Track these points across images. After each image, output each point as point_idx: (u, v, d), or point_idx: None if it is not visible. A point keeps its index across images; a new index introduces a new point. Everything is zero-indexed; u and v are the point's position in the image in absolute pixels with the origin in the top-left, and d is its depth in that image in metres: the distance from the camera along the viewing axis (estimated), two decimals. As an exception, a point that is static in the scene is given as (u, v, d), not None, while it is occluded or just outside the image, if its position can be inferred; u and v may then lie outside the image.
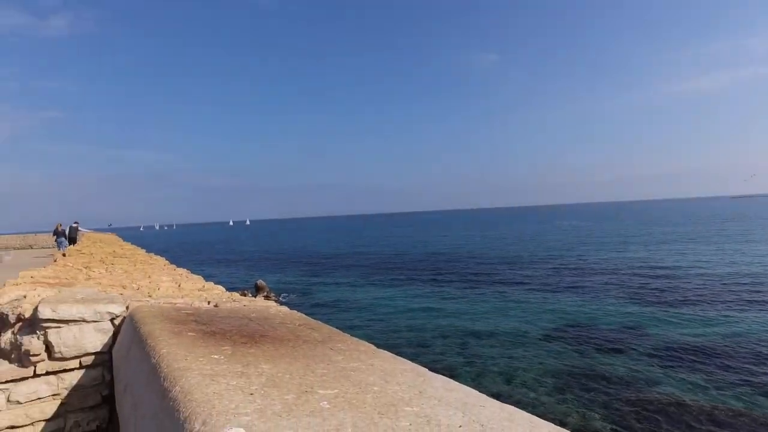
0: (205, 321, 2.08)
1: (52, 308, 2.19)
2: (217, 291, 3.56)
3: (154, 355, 1.46)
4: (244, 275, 29.05)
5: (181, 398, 1.05)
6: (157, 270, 4.81)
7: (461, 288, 21.33)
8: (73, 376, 2.27)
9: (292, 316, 2.48)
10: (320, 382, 1.29)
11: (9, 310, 2.42)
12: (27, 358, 2.19)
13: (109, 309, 2.32)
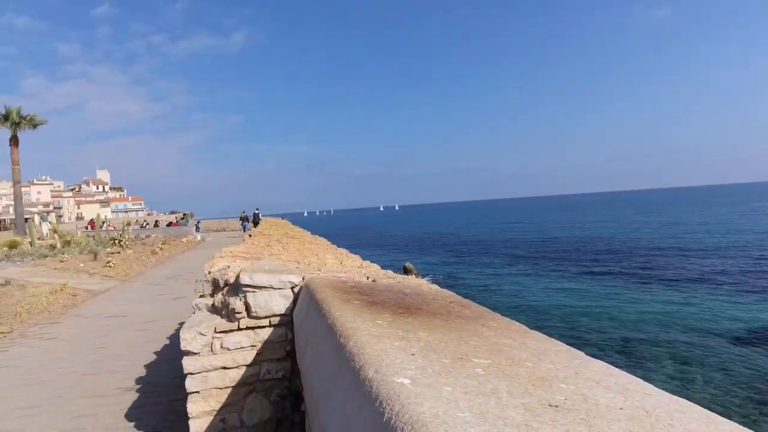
0: (366, 293, 2.33)
1: (249, 276, 2.69)
2: (374, 268, 3.89)
3: (329, 317, 1.71)
4: (393, 257, 30.70)
5: (356, 351, 1.24)
6: (322, 249, 5.45)
7: (626, 281, 19.17)
8: (265, 332, 2.75)
9: (443, 294, 2.60)
10: (474, 352, 1.36)
11: (219, 277, 3.04)
12: (233, 315, 2.74)
13: (290, 279, 2.75)
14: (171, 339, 5.91)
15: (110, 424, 3.66)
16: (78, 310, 8.27)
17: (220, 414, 2.73)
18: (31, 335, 6.67)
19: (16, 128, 31.57)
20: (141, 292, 9.77)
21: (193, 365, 2.68)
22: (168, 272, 12.80)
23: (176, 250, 19.20)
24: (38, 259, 15.88)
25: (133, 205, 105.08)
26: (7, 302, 8.79)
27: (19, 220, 32.66)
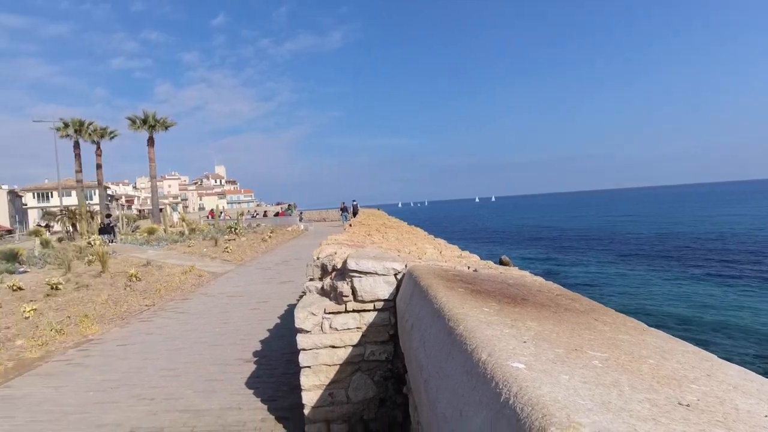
0: (469, 281, 2.34)
1: (355, 262, 2.84)
2: (474, 258, 3.87)
3: (436, 302, 1.76)
4: (488, 250, 29.97)
5: (467, 335, 1.27)
6: (420, 239, 5.54)
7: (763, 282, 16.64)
8: (370, 316, 2.90)
9: (548, 286, 2.52)
10: (588, 344, 1.32)
11: (327, 262, 3.26)
12: (341, 298, 2.92)
13: (393, 266, 2.86)
14: (281, 318, 6.45)
15: (234, 389, 4.12)
16: (204, 289, 9.37)
17: (328, 388, 2.95)
18: (168, 309, 7.73)
19: (153, 130, 36.30)
20: (254, 276, 10.76)
21: (306, 342, 2.91)
22: (276, 258, 13.90)
23: (283, 238, 20.73)
24: (170, 243, 18.21)
25: (245, 197, 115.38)
26: (149, 280, 10.25)
27: (154, 210, 37.64)
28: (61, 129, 35.31)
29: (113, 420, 3.66)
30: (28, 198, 69.30)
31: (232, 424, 3.49)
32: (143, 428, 3.50)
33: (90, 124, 36.57)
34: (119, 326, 6.76)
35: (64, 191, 46.20)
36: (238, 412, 3.68)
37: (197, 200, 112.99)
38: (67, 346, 5.88)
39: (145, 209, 78.79)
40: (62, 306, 8.12)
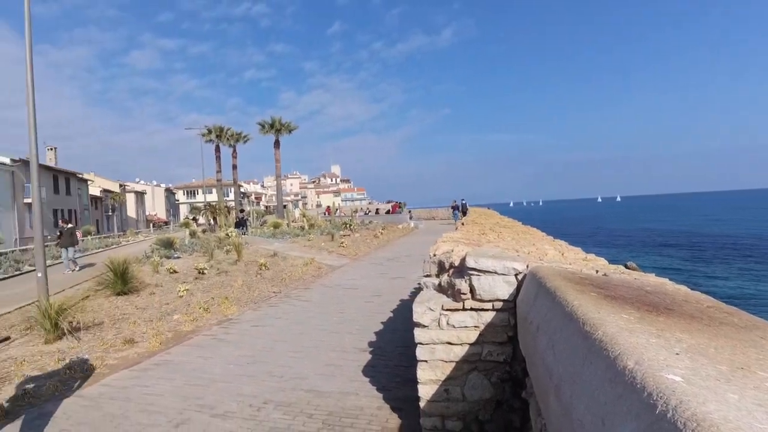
0: (600, 286, 2.18)
1: (474, 260, 2.82)
2: (601, 262, 3.58)
3: (566, 305, 1.68)
4: (611, 254, 27.39)
5: (607, 341, 1.20)
6: (538, 239, 5.28)
7: None
8: (488, 315, 2.86)
9: (696, 297, 2.23)
10: (757, 364, 1.16)
11: (444, 259, 3.29)
12: (458, 295, 2.93)
13: (514, 265, 2.78)
14: (394, 312, 6.65)
15: (352, 375, 4.36)
16: (322, 281, 10.05)
17: (444, 384, 2.97)
18: (292, 296, 8.44)
19: (278, 134, 39.83)
20: (367, 270, 11.23)
21: (423, 336, 2.97)
22: (388, 254, 14.34)
23: (393, 235, 21.29)
24: (293, 237, 19.80)
25: (358, 195, 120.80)
26: (276, 269, 11.29)
27: (279, 207, 41.28)
28: (205, 135, 40.51)
29: (250, 392, 4.12)
30: (180, 195, 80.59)
31: (350, 408, 3.70)
32: (274, 401, 3.88)
33: (228, 130, 41.36)
34: (252, 309, 7.57)
35: (207, 189, 52.90)
36: (356, 397, 3.89)
37: (315, 198, 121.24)
38: (212, 323, 6.76)
39: (270, 206, 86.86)
40: (207, 288, 9.35)
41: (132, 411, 3.87)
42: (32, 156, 8.69)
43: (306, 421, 3.51)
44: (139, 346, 5.79)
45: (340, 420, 3.50)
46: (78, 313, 6.86)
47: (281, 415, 3.61)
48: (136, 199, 62.88)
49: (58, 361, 5.32)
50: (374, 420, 3.47)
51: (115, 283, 9.13)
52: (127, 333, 6.39)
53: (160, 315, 7.38)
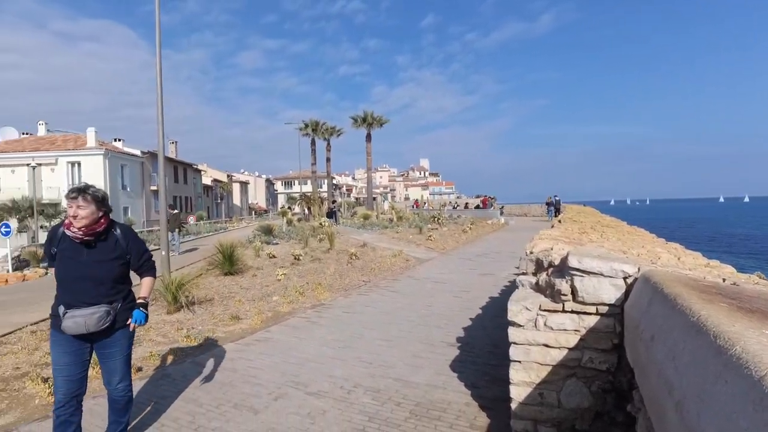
0: (731, 296, 1.92)
1: (578, 260, 2.65)
2: (728, 270, 3.17)
3: (692, 315, 1.50)
4: (734, 263, 24.06)
5: (748, 358, 1.05)
6: (648, 241, 4.82)
7: None
8: (590, 319, 2.67)
9: None
10: None
11: (543, 257, 3.13)
12: (558, 296, 2.77)
13: (623, 268, 2.56)
14: (483, 309, 6.50)
15: (439, 369, 4.36)
16: (410, 273, 10.14)
17: (538, 388, 2.84)
18: (381, 286, 8.64)
19: (370, 128, 40.80)
20: (455, 265, 11.11)
21: (518, 336, 2.87)
22: (477, 250, 14.05)
23: (482, 231, 20.79)
24: (381, 229, 20.20)
25: (446, 189, 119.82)
26: (365, 259, 11.63)
27: (368, 199, 42.38)
28: (302, 129, 42.79)
29: (341, 374, 4.30)
30: (278, 185, 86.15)
31: (437, 401, 3.70)
32: (364, 386, 4.01)
33: (323, 125, 43.27)
34: (343, 296, 7.88)
35: (303, 180, 55.92)
36: (443, 391, 3.88)
37: (403, 191, 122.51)
38: (306, 307, 7.17)
39: (360, 197, 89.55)
40: (302, 273, 9.92)
41: (237, 381, 4.24)
42: (160, 149, 9.84)
43: (394, 408, 3.58)
44: (243, 323, 6.33)
45: (428, 412, 3.51)
46: (193, 289, 7.67)
47: (370, 400, 3.73)
48: (241, 188, 68.56)
49: (178, 330, 6.01)
50: (462, 416, 3.44)
51: (224, 264, 10.06)
52: (233, 310, 7.02)
53: (261, 295, 8.00)
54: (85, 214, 2.60)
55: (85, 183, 2.77)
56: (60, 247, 2.64)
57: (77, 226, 2.59)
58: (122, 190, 34.53)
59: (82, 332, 2.58)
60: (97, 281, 2.64)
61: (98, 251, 2.68)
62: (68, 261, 2.62)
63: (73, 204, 2.59)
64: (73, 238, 2.62)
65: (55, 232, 2.70)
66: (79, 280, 2.61)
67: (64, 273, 2.62)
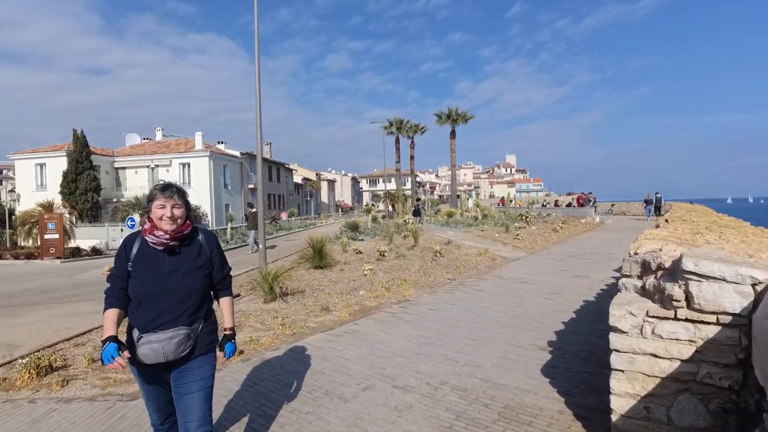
0: None
1: (694, 263, 2.39)
2: None
3: None
4: None
5: None
6: (781, 244, 4.19)
7: None
8: (709, 330, 2.39)
9: None
10: None
11: (651, 259, 2.86)
12: (668, 302, 2.52)
13: (751, 273, 2.26)
14: (577, 313, 6.13)
15: (529, 373, 4.19)
16: (497, 272, 9.86)
17: (644, 401, 2.62)
18: (466, 285, 8.51)
19: (455, 124, 40.27)
20: (545, 265, 10.59)
21: (620, 343, 2.66)
22: (569, 250, 13.26)
23: (575, 230, 19.57)
24: (466, 227, 19.88)
25: (534, 186, 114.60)
26: (450, 257, 11.52)
27: (452, 196, 41.88)
28: (387, 127, 43.47)
29: (427, 370, 4.32)
30: (363, 183, 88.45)
31: (528, 406, 3.56)
32: (450, 384, 3.99)
33: (407, 122, 43.58)
34: (428, 293, 7.89)
35: (387, 178, 56.83)
36: (534, 396, 3.72)
37: (488, 188, 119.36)
38: (392, 302, 7.29)
39: (444, 195, 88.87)
40: (387, 269, 10.09)
41: (327, 369, 4.44)
42: (258, 150, 10.59)
43: (482, 409, 3.51)
44: (332, 315, 6.60)
45: (517, 416, 3.40)
46: (286, 281, 8.17)
47: (457, 399, 3.69)
48: (328, 186, 71.52)
49: (274, 318, 6.44)
50: (555, 423, 3.27)
51: (314, 258, 10.58)
52: (323, 302, 7.35)
53: (348, 289, 8.28)
54: (181, 214, 2.24)
55: (167, 181, 2.43)
56: (136, 260, 2.21)
57: (168, 229, 2.20)
58: (224, 188, 37.75)
59: (160, 361, 2.15)
60: (180, 296, 2.20)
61: (182, 258, 2.26)
62: (147, 273, 2.19)
63: (167, 203, 2.20)
64: (154, 245, 2.22)
65: (131, 242, 2.28)
66: (159, 295, 2.17)
67: (141, 287, 2.17)
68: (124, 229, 23.64)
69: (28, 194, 33.04)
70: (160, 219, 2.21)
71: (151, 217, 2.26)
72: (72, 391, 4.31)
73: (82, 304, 8.79)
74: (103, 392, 4.25)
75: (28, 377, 4.57)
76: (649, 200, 27.89)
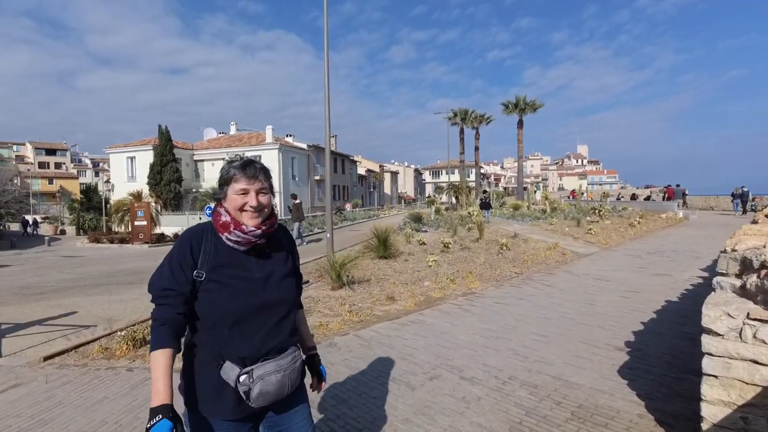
0: None
1: (808, 261, 2.14)
2: None
3: None
4: None
5: None
6: None
7: None
8: (824, 337, 2.14)
9: None
10: None
11: (752, 256, 2.61)
12: (774, 304, 2.28)
13: None
14: (658, 314, 5.73)
15: (604, 373, 3.99)
16: (567, 267, 9.44)
17: (741, 410, 2.40)
18: (534, 279, 8.23)
19: (522, 113, 38.82)
20: (621, 262, 9.97)
21: (714, 346, 2.45)
22: (648, 247, 12.37)
23: (654, 226, 18.21)
24: (533, 220, 19.19)
25: (607, 178, 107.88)
26: (517, 251, 11.19)
27: (519, 188, 40.53)
28: (451, 118, 42.84)
29: (494, 364, 4.25)
30: (426, 174, 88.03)
31: (604, 407, 3.39)
32: (519, 379, 3.90)
33: (472, 113, 42.67)
34: (495, 287, 7.74)
35: (450, 169, 56.14)
36: (610, 397, 3.54)
37: (557, 180, 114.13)
38: (457, 294, 7.23)
39: (509, 187, 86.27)
40: (452, 261, 10.01)
41: (394, 356, 4.51)
42: (327, 142, 10.89)
43: (553, 407, 3.40)
44: (398, 304, 6.68)
45: (592, 417, 3.25)
46: (352, 269, 8.36)
47: (527, 395, 3.61)
48: (391, 178, 71.99)
49: (341, 305, 6.63)
50: (634, 428, 3.10)
51: (378, 248, 10.74)
52: (389, 291, 7.45)
53: (413, 280, 8.33)
54: (268, 202, 1.62)
55: (244, 155, 1.74)
56: (212, 265, 1.54)
57: (255, 224, 1.57)
58: (292, 179, 39.27)
59: (282, 396, 1.57)
60: (283, 310, 1.61)
61: (273, 261, 1.66)
62: (237, 282, 1.54)
63: (251, 186, 1.56)
64: (237, 244, 1.56)
65: (197, 240, 1.57)
66: (259, 311, 1.55)
67: (232, 303, 1.51)
68: (202, 217, 25.45)
69: (120, 185, 36.48)
70: (240, 209, 1.55)
71: (224, 205, 1.59)
72: (163, 363, 4.74)
73: (168, 285, 9.59)
74: (189, 366, 4.63)
75: (126, 348, 5.08)
76: (736, 194, 25.90)
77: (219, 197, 1.63)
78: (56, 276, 12.15)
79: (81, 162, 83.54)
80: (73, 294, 8.90)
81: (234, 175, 1.57)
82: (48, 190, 67.50)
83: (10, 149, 72.95)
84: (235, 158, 1.64)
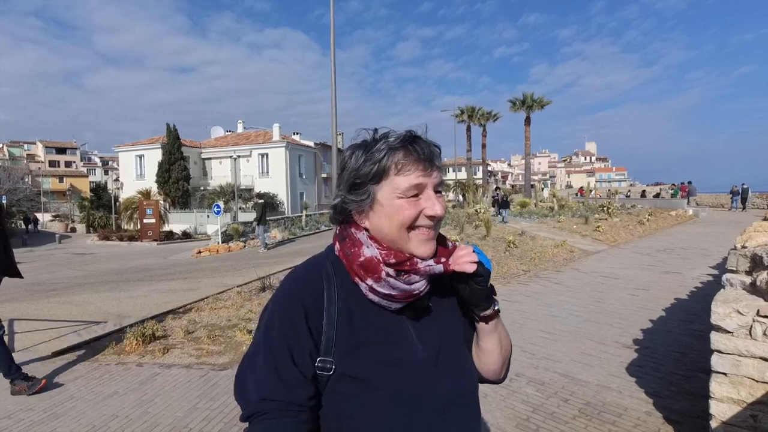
0: None
1: (819, 257, 2.12)
2: None
3: None
4: None
5: None
6: None
7: None
8: (836, 334, 2.12)
9: None
10: None
11: (763, 253, 2.58)
12: (785, 301, 2.26)
13: None
14: (667, 312, 5.68)
15: (612, 371, 3.98)
16: (575, 265, 9.39)
17: (751, 408, 2.38)
18: (542, 277, 8.20)
19: (530, 110, 38.58)
20: (630, 259, 9.90)
21: (723, 344, 2.44)
22: (657, 244, 12.27)
23: (664, 223, 18.04)
24: (540, 217, 19.10)
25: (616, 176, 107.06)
26: (524, 248, 11.15)
27: (526, 186, 40.33)
28: (458, 116, 42.70)
29: (501, 361, 4.24)
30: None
31: (611, 404, 3.38)
32: (526, 376, 3.89)
33: (479, 110, 42.49)
34: (501, 284, 7.71)
35: (457, 167, 55.98)
36: (618, 395, 3.53)
37: (565, 177, 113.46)
38: (463, 292, 7.21)
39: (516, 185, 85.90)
40: (458, 259, 9.97)
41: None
42: (333, 140, 10.93)
43: (560, 404, 3.40)
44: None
45: (599, 414, 3.24)
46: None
47: (534, 391, 3.60)
48: (398, 175, 71.74)
49: (347, 302, 6.64)
50: (641, 425, 3.09)
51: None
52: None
53: (419, 277, 8.31)
54: (444, 210, 0.87)
55: (414, 130, 0.88)
56: (347, 346, 0.82)
57: (430, 252, 0.86)
58: (299, 177, 39.36)
59: None
60: (464, 409, 0.90)
61: (441, 322, 0.93)
62: (390, 379, 0.82)
63: (428, 180, 0.83)
64: (389, 300, 0.84)
65: (315, 298, 0.83)
66: (428, 418, 0.83)
67: (384, 420, 0.80)
68: (210, 215, 25.59)
69: (129, 183, 36.80)
70: (410, 226, 0.83)
71: (365, 224, 0.87)
72: (171, 359, 4.78)
73: (177, 282, 9.65)
74: (198, 361, 4.67)
75: (136, 344, 5.13)
76: (735, 191, 26.57)
77: (348, 208, 0.86)
78: (67, 273, 12.31)
79: (91, 160, 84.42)
80: (84, 291, 9.01)
81: (396, 160, 0.81)
82: (58, 188, 68.30)
83: (21, 148, 73.92)
84: (387, 131, 0.86)
